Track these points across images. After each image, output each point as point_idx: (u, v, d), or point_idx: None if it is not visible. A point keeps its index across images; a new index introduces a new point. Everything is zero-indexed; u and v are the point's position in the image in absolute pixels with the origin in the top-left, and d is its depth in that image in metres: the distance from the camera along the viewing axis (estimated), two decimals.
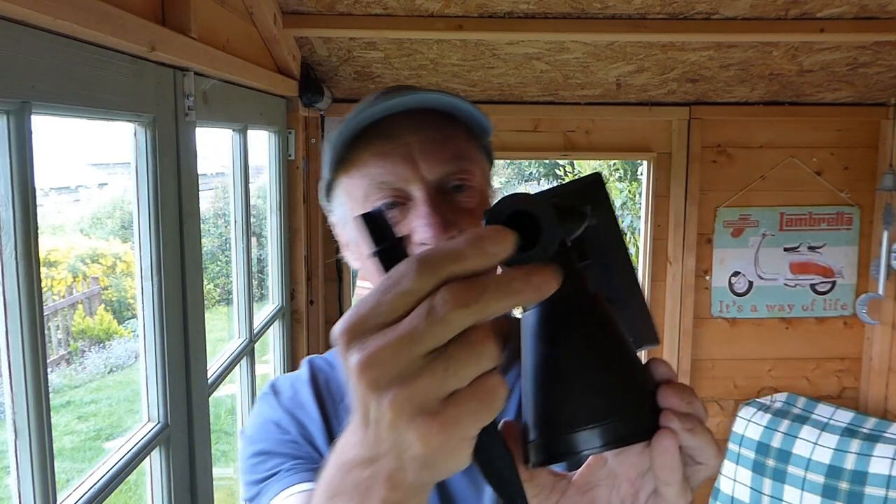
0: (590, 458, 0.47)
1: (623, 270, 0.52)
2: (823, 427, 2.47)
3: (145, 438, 1.22)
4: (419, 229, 0.67)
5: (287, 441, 0.78)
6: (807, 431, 2.47)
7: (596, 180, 0.51)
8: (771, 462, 2.49)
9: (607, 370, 0.40)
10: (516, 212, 0.39)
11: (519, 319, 0.44)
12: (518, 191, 0.41)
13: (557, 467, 0.53)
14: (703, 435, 0.41)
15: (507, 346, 0.75)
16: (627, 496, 0.46)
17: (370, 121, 0.70)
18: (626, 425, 0.39)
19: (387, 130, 0.71)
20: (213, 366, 1.60)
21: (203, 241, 1.45)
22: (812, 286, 2.68)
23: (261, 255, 2.75)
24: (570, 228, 0.44)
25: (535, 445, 0.41)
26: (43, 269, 0.91)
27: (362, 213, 0.38)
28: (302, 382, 0.84)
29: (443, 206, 0.69)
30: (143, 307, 1.25)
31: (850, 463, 2.35)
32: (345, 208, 0.74)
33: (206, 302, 1.47)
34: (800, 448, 2.45)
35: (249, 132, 1.84)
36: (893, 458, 2.29)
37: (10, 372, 0.86)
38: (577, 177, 0.58)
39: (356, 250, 0.77)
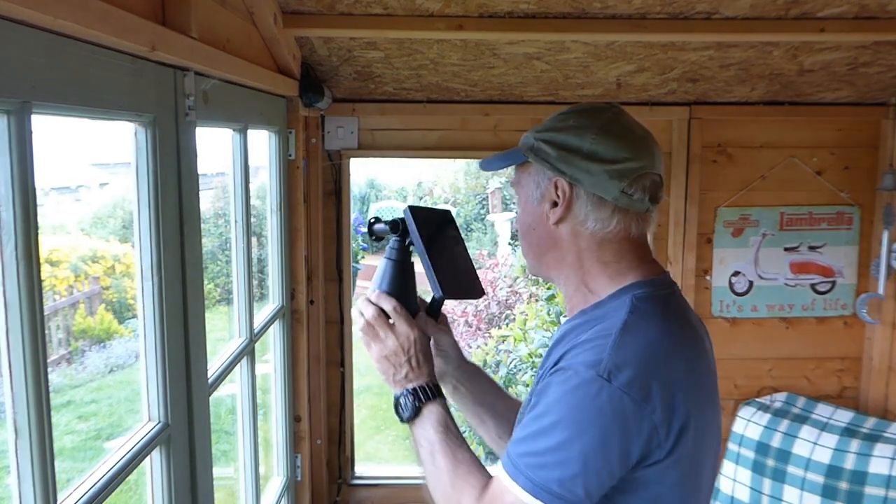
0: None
1: (423, 256, 1.15)
2: (823, 427, 2.47)
3: (146, 438, 1.22)
4: None
5: None
6: (806, 431, 2.47)
7: (407, 216, 1.18)
8: (771, 462, 2.49)
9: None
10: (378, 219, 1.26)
11: None
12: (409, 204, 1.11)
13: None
14: None
15: None
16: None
17: None
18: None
19: None
20: (214, 365, 1.60)
21: (203, 240, 1.45)
22: (812, 286, 2.69)
23: (261, 255, 2.75)
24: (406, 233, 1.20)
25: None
26: (46, 268, 0.92)
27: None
28: None
29: None
30: (143, 307, 1.25)
31: (849, 463, 2.35)
32: None
33: (206, 302, 1.48)
34: (799, 448, 2.45)
35: (249, 132, 1.84)
36: (893, 458, 2.29)
37: (10, 371, 0.86)
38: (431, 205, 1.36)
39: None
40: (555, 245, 1.05)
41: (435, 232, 1.19)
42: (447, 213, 1.27)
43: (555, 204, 1.03)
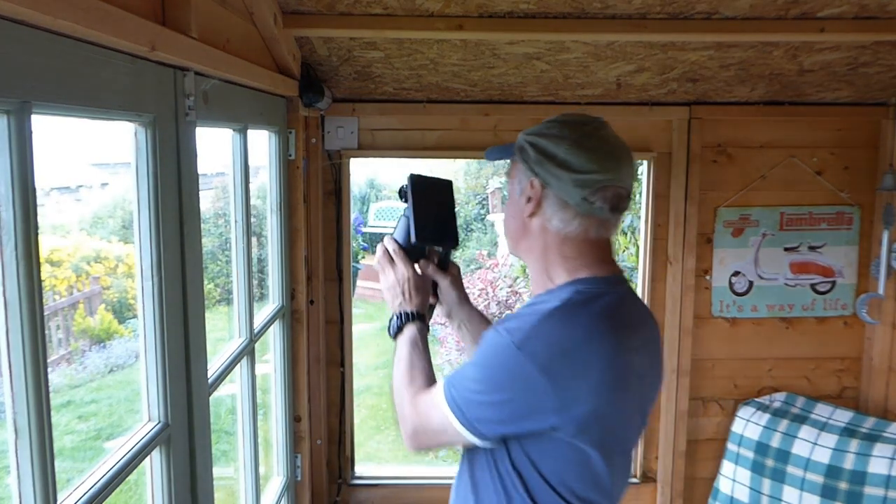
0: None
1: (409, 210, 1.43)
2: (822, 427, 2.47)
3: (146, 438, 1.22)
4: None
5: None
6: (806, 431, 2.47)
7: (408, 182, 1.46)
8: (770, 462, 2.49)
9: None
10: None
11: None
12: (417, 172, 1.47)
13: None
14: None
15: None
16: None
17: None
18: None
19: None
20: (214, 365, 1.60)
21: (203, 240, 1.45)
22: (812, 286, 2.69)
23: (261, 255, 2.75)
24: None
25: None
26: (46, 268, 0.92)
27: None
28: None
29: None
30: (143, 307, 1.25)
31: (849, 463, 2.35)
32: None
33: (206, 302, 1.48)
34: (799, 448, 2.45)
35: (249, 132, 1.84)
36: (892, 458, 2.29)
37: (10, 371, 0.87)
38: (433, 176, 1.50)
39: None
40: (526, 234, 1.22)
41: (429, 194, 1.45)
42: (447, 182, 1.52)
43: (529, 199, 1.18)
